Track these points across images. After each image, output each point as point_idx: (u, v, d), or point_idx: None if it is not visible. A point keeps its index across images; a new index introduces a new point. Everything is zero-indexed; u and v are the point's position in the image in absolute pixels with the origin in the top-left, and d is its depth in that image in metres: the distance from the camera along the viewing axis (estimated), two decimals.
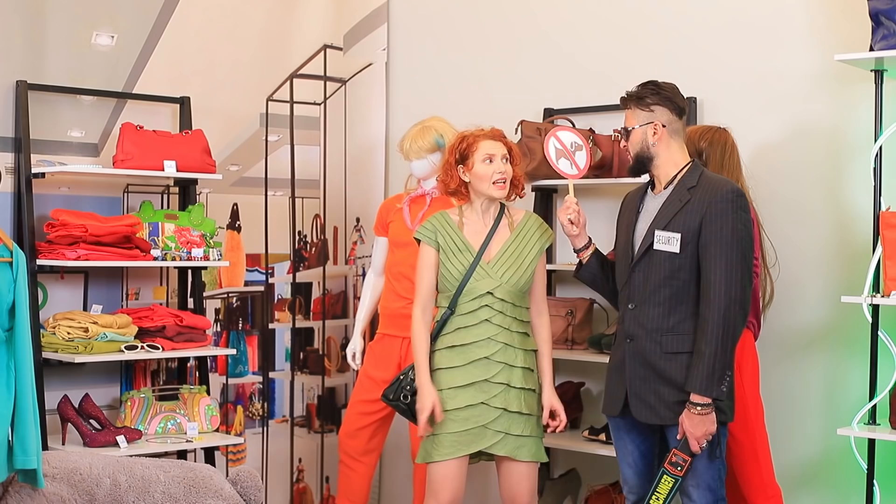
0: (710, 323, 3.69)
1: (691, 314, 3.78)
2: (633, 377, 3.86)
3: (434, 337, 4.16)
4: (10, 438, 3.48)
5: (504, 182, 4.15)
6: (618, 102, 4.94)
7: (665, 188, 3.90)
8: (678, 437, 3.78)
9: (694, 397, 3.72)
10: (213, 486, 4.01)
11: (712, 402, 3.72)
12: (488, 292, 4.09)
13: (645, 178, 4.02)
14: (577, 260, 4.13)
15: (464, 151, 4.19)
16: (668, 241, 3.80)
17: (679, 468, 3.77)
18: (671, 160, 3.90)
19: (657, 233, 3.82)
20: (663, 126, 3.88)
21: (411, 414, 4.20)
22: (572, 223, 4.03)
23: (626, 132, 3.94)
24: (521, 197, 4.28)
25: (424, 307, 4.19)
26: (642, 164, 3.93)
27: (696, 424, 3.72)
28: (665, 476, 3.79)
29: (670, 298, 3.80)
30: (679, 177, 3.88)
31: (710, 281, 3.71)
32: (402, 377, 4.24)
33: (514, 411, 4.08)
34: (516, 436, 4.08)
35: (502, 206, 4.24)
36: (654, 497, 3.81)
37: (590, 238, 4.09)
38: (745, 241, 3.76)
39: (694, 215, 3.77)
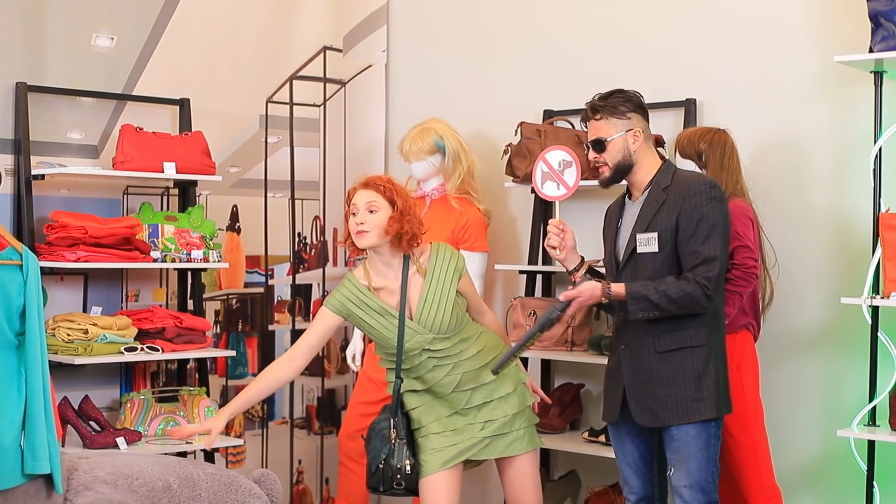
0: (685, 288, 3.70)
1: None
2: (630, 381, 3.86)
3: (395, 410, 4.05)
4: (22, 443, 3.46)
5: (361, 232, 3.90)
6: None
7: (642, 193, 3.89)
8: (564, 295, 3.80)
9: (618, 289, 3.75)
10: (246, 485, 3.99)
11: (609, 303, 3.78)
12: (425, 348, 3.98)
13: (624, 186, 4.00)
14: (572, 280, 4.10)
15: (347, 204, 4.01)
16: (648, 243, 3.81)
17: (553, 317, 3.82)
18: (647, 165, 3.89)
19: (638, 236, 3.82)
20: (641, 132, 3.88)
21: (411, 492, 4.06)
22: (555, 248, 3.95)
23: (601, 143, 3.86)
24: (411, 248, 3.98)
25: (292, 357, 4.02)
26: (622, 173, 3.88)
27: (590, 294, 3.77)
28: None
29: None
30: (653, 179, 3.88)
31: (694, 261, 3.72)
32: (380, 466, 4.02)
33: (497, 418, 4.04)
34: (506, 434, 4.05)
35: (406, 255, 4.01)
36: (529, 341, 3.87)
37: (582, 258, 4.03)
38: (723, 230, 3.76)
39: (670, 212, 3.78)
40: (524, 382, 4.15)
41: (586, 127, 3.95)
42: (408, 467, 4.00)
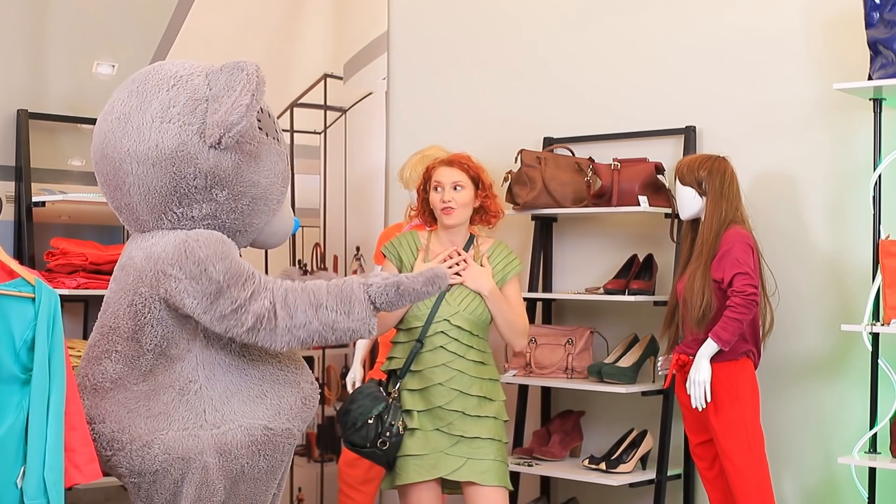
0: None
1: None
2: None
3: (404, 372, 4.06)
4: (19, 482, 3.37)
5: (450, 209, 4.07)
6: (617, 131, 4.99)
7: None
8: None
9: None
10: None
11: None
12: (445, 319, 4.01)
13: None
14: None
15: (427, 178, 4.18)
16: None
17: None
18: None
19: None
20: None
21: (387, 462, 4.03)
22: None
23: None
24: (489, 225, 4.22)
25: None
26: None
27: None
28: None
29: None
30: None
31: None
32: (368, 421, 3.99)
33: (472, 437, 3.99)
34: (479, 460, 3.98)
35: (472, 236, 4.18)
36: None
37: None
38: None
39: None
40: (504, 420, 4.13)
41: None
42: (400, 429, 3.98)
